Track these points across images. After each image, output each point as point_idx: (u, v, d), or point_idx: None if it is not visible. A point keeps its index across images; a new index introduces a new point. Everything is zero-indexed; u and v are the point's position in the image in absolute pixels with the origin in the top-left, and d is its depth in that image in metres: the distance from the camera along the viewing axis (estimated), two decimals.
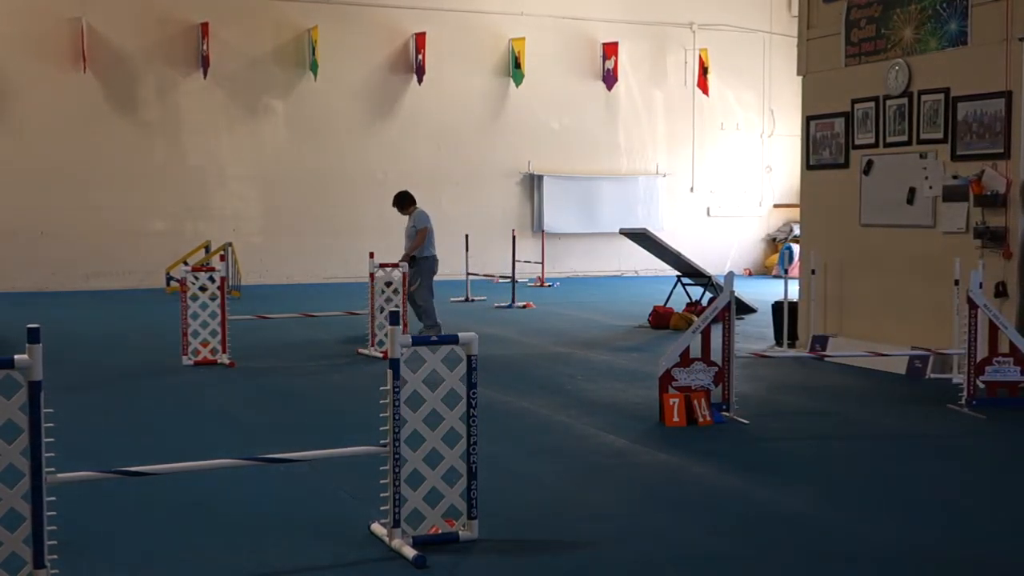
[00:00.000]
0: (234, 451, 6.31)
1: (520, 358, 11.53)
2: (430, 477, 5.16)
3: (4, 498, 4.40)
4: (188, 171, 20.70)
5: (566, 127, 23.31)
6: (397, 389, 5.00)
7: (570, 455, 7.10)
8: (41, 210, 19.56)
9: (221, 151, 20.93)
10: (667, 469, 6.72)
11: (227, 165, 20.99)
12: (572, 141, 23.33)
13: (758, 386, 9.63)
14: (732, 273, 8.47)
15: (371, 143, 21.82)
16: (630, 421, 8.11)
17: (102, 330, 13.93)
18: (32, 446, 4.37)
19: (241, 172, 21.06)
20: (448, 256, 21.69)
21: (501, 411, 8.44)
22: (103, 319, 15.28)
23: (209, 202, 20.77)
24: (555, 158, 23.16)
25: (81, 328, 14.00)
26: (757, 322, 14.14)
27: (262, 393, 9.50)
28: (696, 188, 24.54)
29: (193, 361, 10.89)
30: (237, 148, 21.03)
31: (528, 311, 16.35)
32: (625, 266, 23.55)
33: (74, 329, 13.76)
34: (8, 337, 12.63)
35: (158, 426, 8.09)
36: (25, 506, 4.40)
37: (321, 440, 7.13)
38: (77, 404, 8.58)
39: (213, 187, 20.87)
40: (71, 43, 19.65)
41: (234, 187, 20.94)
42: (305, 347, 12.35)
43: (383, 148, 21.87)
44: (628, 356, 11.68)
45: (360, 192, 21.71)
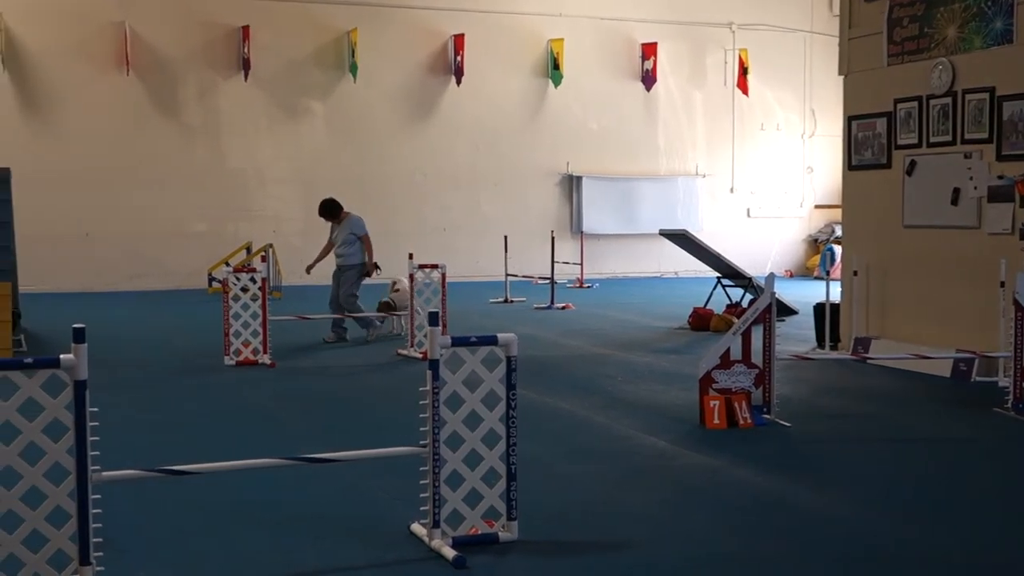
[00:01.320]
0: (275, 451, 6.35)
1: (559, 359, 11.51)
2: (469, 478, 5.16)
3: (51, 496, 4.45)
4: (229, 173, 20.88)
5: (605, 128, 23.27)
6: (436, 390, 5.01)
7: (609, 456, 7.09)
8: (86, 212, 19.80)
9: (261, 153, 21.09)
10: (707, 471, 6.69)
11: (267, 167, 21.14)
12: (611, 142, 23.28)
13: (799, 388, 9.56)
14: (773, 274, 8.42)
15: (409, 144, 21.89)
16: (670, 423, 8.08)
17: (146, 330, 14.07)
18: (78, 445, 4.42)
19: (281, 174, 21.19)
20: (487, 257, 21.95)
21: (540, 412, 8.44)
22: (147, 319, 15.44)
23: (250, 203, 20.93)
24: (594, 159, 23.13)
25: (125, 328, 14.14)
26: (798, 324, 14.04)
27: (303, 393, 9.55)
28: (736, 189, 24.41)
29: (235, 361, 10.97)
30: (277, 150, 21.18)
31: (567, 312, 16.33)
32: (664, 267, 23.46)
33: (118, 329, 13.91)
34: (54, 337, 12.79)
35: (200, 425, 8.16)
36: (71, 504, 4.45)
37: (361, 440, 7.16)
38: (121, 403, 8.67)
39: (254, 188, 21.03)
40: (114, 47, 19.87)
41: (274, 188, 21.09)
42: (345, 347, 12.41)
43: (421, 149, 21.94)
44: (668, 358, 11.63)
45: (398, 193, 21.79)
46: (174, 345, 12.68)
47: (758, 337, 8.09)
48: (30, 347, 12.02)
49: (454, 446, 5.12)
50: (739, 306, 14.69)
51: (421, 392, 5.10)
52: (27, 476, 4.41)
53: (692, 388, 8.53)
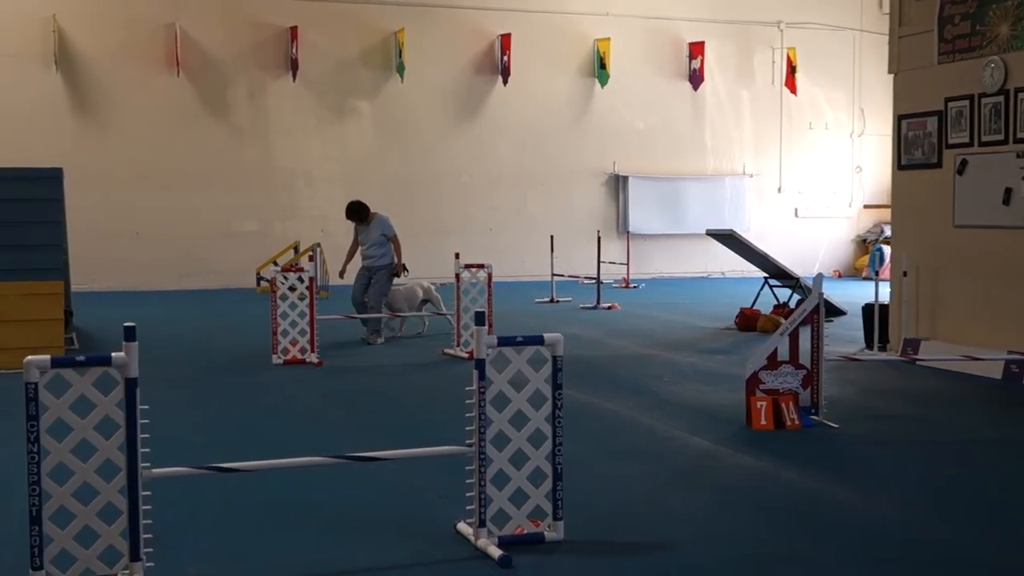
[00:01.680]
0: (322, 449, 6.39)
1: (605, 359, 11.50)
2: (515, 477, 5.17)
3: (102, 492, 4.51)
4: (277, 172, 21.05)
5: (651, 127, 23.19)
6: (483, 389, 5.02)
7: (655, 457, 7.07)
8: (136, 211, 20.05)
9: (309, 153, 21.24)
10: (753, 472, 6.65)
11: (315, 166, 21.28)
12: (658, 141, 23.20)
13: (848, 390, 9.48)
14: (821, 275, 8.36)
15: (456, 144, 21.95)
16: (716, 423, 8.04)
17: (194, 329, 14.22)
18: (128, 442, 4.48)
19: (329, 173, 21.33)
20: (533, 257, 21.95)
21: (586, 412, 8.43)
22: (195, 318, 15.60)
23: (297, 203, 21.09)
24: (640, 159, 23.06)
25: (174, 327, 14.31)
26: (847, 325, 13.92)
27: (350, 392, 9.61)
28: (784, 188, 24.24)
29: (282, 360, 11.06)
30: (325, 150, 21.32)
31: (613, 312, 16.29)
32: (711, 267, 23.35)
33: (168, 328, 14.07)
34: (105, 335, 12.96)
35: (248, 423, 8.24)
36: (122, 500, 4.51)
37: (407, 439, 7.19)
38: (171, 401, 8.77)
39: (301, 188, 21.18)
40: (165, 48, 20.10)
41: (322, 188, 21.23)
42: (391, 347, 12.47)
43: (468, 149, 22.00)
44: (714, 358, 11.58)
45: (445, 193, 21.86)
46: (222, 344, 12.81)
47: (806, 338, 8.03)
48: (82, 345, 12.19)
49: (500, 446, 5.13)
50: (786, 306, 14.59)
51: (467, 392, 5.11)
52: (79, 472, 4.47)
53: (738, 389, 8.48)
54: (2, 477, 6.37)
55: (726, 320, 14.63)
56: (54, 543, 4.44)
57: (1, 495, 6.00)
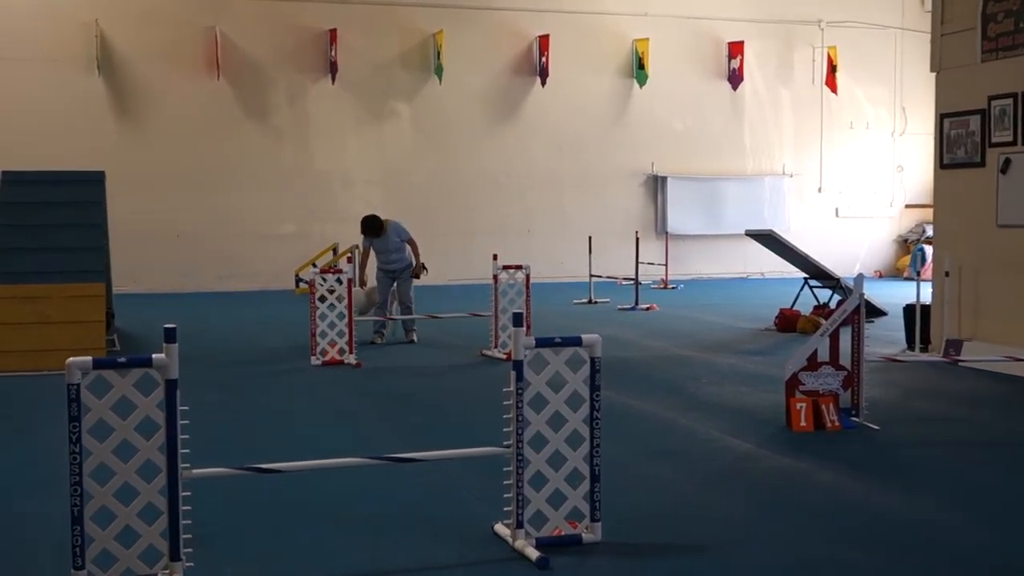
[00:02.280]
0: (360, 450, 6.42)
1: (643, 361, 11.47)
2: (553, 479, 5.17)
3: (142, 492, 4.56)
4: (316, 174, 21.16)
5: (690, 128, 23.10)
6: (520, 391, 5.02)
7: (693, 458, 7.04)
8: (176, 213, 20.23)
9: (348, 155, 21.34)
10: (792, 474, 6.61)
11: (353, 168, 21.38)
12: (696, 142, 23.11)
13: (889, 391, 9.40)
14: (862, 275, 8.29)
15: (493, 146, 21.97)
16: (755, 425, 8.00)
17: (233, 330, 14.33)
18: (168, 442, 4.52)
19: (367, 175, 21.42)
20: (570, 258, 21.93)
21: (624, 414, 8.42)
22: (234, 320, 15.72)
23: (336, 205, 21.18)
24: (679, 159, 22.98)
25: (214, 328, 14.43)
26: (888, 325, 13.80)
27: (387, 393, 9.65)
28: (824, 188, 24.07)
29: (321, 361, 11.12)
30: (363, 152, 21.41)
31: (651, 313, 16.25)
32: (750, 268, 23.22)
33: (207, 329, 14.20)
34: (146, 336, 13.09)
35: (287, 424, 8.29)
36: (162, 500, 4.55)
37: (445, 440, 7.21)
38: (210, 402, 8.84)
39: (339, 190, 21.28)
40: (205, 51, 20.27)
41: (360, 190, 21.31)
42: (429, 348, 12.51)
43: (505, 151, 22.01)
44: (753, 359, 11.52)
45: (482, 195, 21.89)
46: (261, 345, 12.90)
47: (846, 339, 7.98)
48: (123, 346, 12.32)
49: (538, 447, 5.13)
50: (827, 307, 14.49)
51: (505, 393, 5.12)
52: (120, 473, 4.52)
53: (778, 390, 8.43)
54: (44, 476, 6.45)
55: (765, 321, 14.55)
56: (95, 543, 4.49)
57: (43, 494, 6.07)
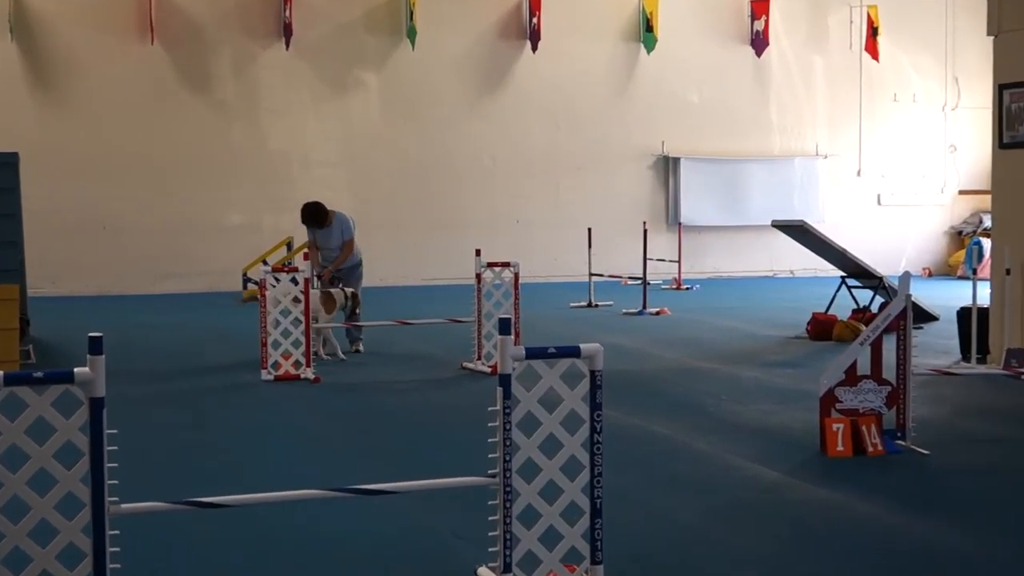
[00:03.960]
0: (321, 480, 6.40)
1: (653, 374, 11.49)
2: (547, 513, 5.16)
3: (63, 531, 4.53)
4: (268, 156, 21.14)
5: (707, 100, 23.14)
6: (508, 410, 5.01)
7: (711, 489, 7.05)
8: (104, 202, 20.18)
9: (306, 133, 21.33)
10: (827, 507, 6.62)
11: (312, 149, 21.37)
12: (714, 117, 23.15)
13: (941, 409, 9.43)
14: (908, 273, 8.31)
15: (477, 122, 21.98)
16: (784, 450, 8.02)
17: (172, 339, 14.28)
18: (94, 472, 4.48)
19: (328, 157, 21.42)
20: (567, 254, 21.94)
21: (630, 437, 8.42)
22: (173, 327, 15.68)
23: (292, 192, 21.08)
24: (694, 137, 23.02)
25: (149, 338, 14.38)
26: (939, 332, 13.84)
27: (352, 413, 9.63)
28: (864, 172, 24.14)
29: (273, 376, 11.10)
30: (324, 130, 21.40)
31: (662, 318, 16.27)
32: (778, 265, 23.28)
33: (141, 338, 14.15)
34: (67, 347, 13.04)
35: (235, 450, 8.26)
36: (85, 541, 4.52)
37: (420, 469, 7.20)
38: (144, 425, 8.81)
39: (296, 174, 21.27)
40: (137, 11, 20.23)
41: (320, 174, 21.30)
42: (402, 360, 12.49)
43: (491, 128, 22.02)
44: (782, 372, 11.55)
45: (464, 179, 21.90)
46: (204, 357, 12.86)
47: (891, 348, 8.00)
48: (40, 359, 12.27)
49: (529, 476, 5.12)
50: (867, 311, 14.54)
51: (490, 413, 5.11)
52: (36, 508, 4.48)
53: (811, 409, 8.45)
54: None
55: (796, 327, 14.58)
56: None
57: None
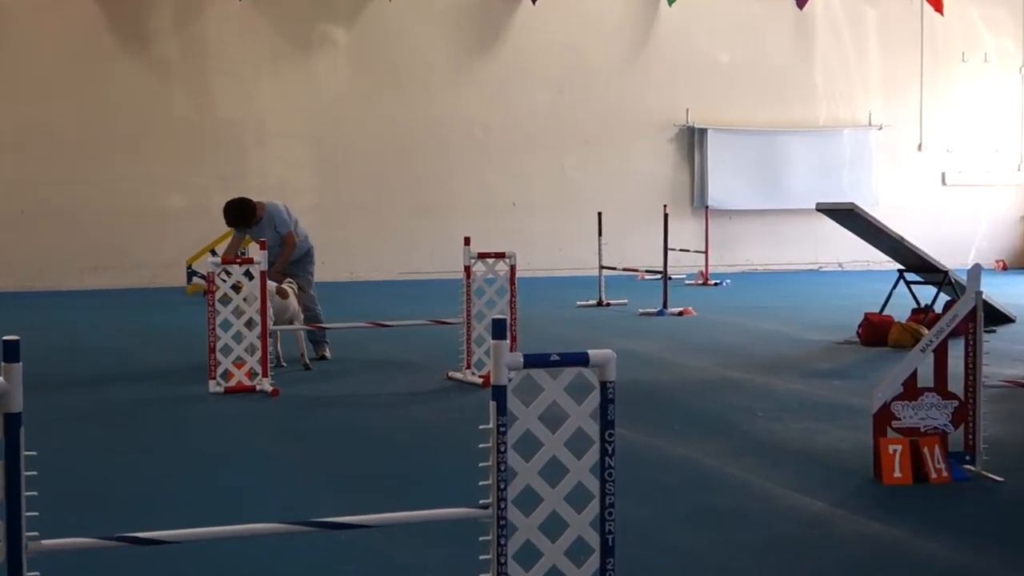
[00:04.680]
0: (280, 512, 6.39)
1: (674, 386, 11.50)
2: (549, 552, 5.15)
3: None
4: (217, 127, 21.14)
5: (740, 61, 23.16)
6: (503, 428, 5.00)
7: (745, 522, 7.05)
8: (22, 183, 20.16)
9: (262, 100, 21.32)
10: (882, 544, 6.62)
11: (269, 119, 21.37)
12: (748, 81, 23.17)
13: (1017, 428, 9.43)
14: (979, 266, 8.30)
15: (467, 87, 21.98)
16: (831, 476, 8.02)
17: (105, 344, 14.28)
18: (9, 502, 4.47)
19: (289, 128, 21.41)
20: (573, 243, 21.95)
21: (648, 460, 8.42)
22: (105, 329, 15.66)
23: (246, 169, 21.16)
24: (724, 105, 23.03)
25: (76, 341, 14.37)
26: (1016, 336, 13.86)
27: (318, 432, 9.63)
28: (926, 146, 24.17)
29: (223, 387, 11.09)
30: (283, 95, 21.39)
31: (686, 320, 16.29)
32: (824, 256, 23.29)
33: (67, 343, 14.13)
34: None
35: (178, 476, 8.25)
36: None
37: (398, 499, 7.20)
38: (70, 445, 8.80)
39: (250, 149, 21.27)
40: None
41: (279, 149, 21.30)
42: (376, 368, 12.49)
43: (484, 94, 22.03)
44: (828, 384, 11.55)
45: (451, 154, 21.91)
46: (142, 364, 12.86)
47: (958, 355, 7.99)
48: None
49: (527, 507, 5.10)
50: (930, 311, 14.54)
51: (481, 432, 5.09)
52: None
53: (863, 428, 8.45)
54: None
55: (845, 330, 14.58)
56: None
57: None
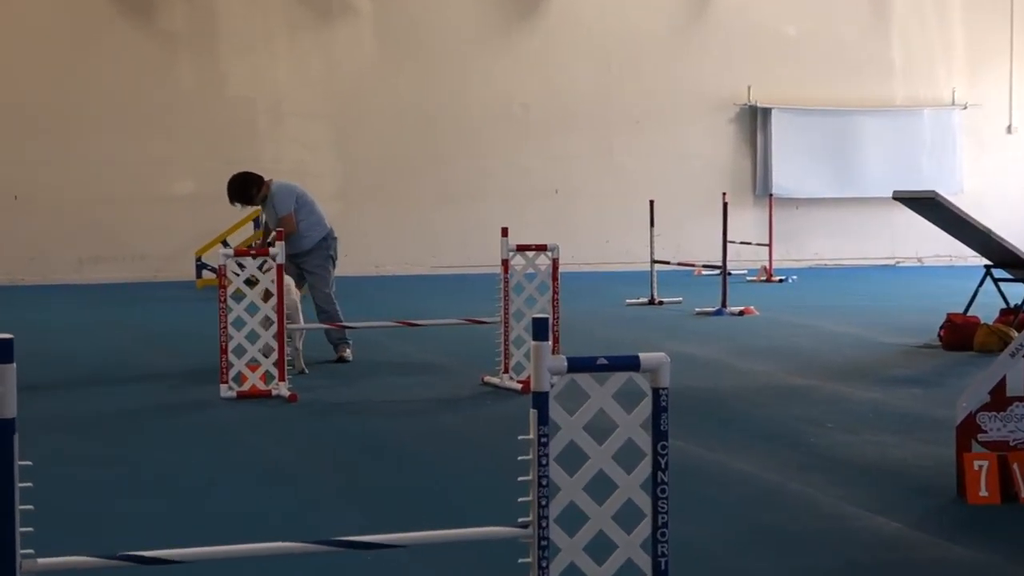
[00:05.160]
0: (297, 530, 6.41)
1: (734, 393, 11.48)
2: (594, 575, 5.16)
3: None
4: (229, 105, 21.18)
5: (808, 33, 23.08)
6: (544, 439, 5.01)
7: (811, 545, 7.04)
8: (14, 165, 20.25)
9: (277, 75, 21.36)
10: (968, 571, 6.60)
11: (286, 96, 21.40)
12: (817, 55, 23.09)
13: None
14: None
15: (503, 60, 21.97)
16: (908, 494, 8.00)
17: (105, 344, 14.34)
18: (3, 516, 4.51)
19: (306, 106, 21.44)
20: (623, 234, 21.90)
21: (704, 475, 8.41)
22: (106, 327, 15.74)
23: (258, 151, 21.17)
24: (790, 82, 22.96)
25: (73, 341, 14.44)
26: None
27: (339, 443, 9.65)
28: (1016, 127, 24.03)
29: (236, 392, 11.12)
30: (301, 70, 21.43)
31: (747, 320, 16.27)
32: (901, 251, 23.21)
33: (64, 342, 14.21)
34: None
35: (185, 490, 8.28)
36: None
37: (427, 516, 7.22)
38: (69, 456, 8.84)
39: (265, 129, 21.31)
40: None
41: (295, 128, 21.33)
42: (404, 372, 12.51)
43: (521, 68, 22.00)
44: (905, 392, 11.52)
45: (486, 136, 21.89)
46: (145, 367, 12.92)
47: None
48: None
49: (571, 526, 5.11)
50: (1020, 312, 14.47)
51: (520, 443, 5.11)
52: None
53: (945, 441, 8.42)
54: None
55: (925, 333, 14.53)
56: None
57: None
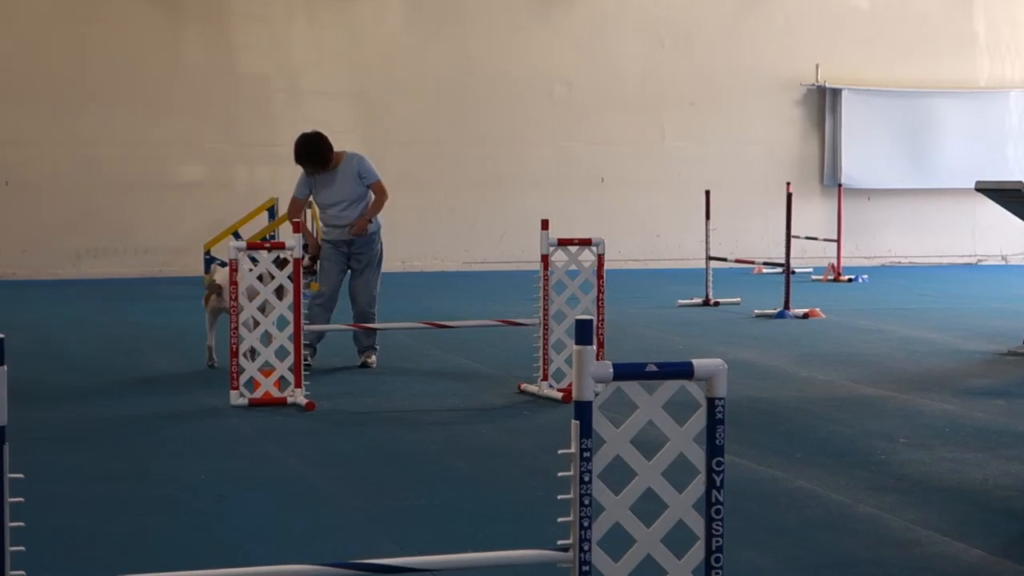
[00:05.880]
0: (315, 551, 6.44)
1: (797, 404, 11.47)
2: None
3: None
4: (241, 83, 21.23)
5: (881, 6, 23.02)
6: (587, 454, 5.03)
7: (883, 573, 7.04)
8: (4, 147, 20.33)
9: (294, 50, 21.39)
10: None
11: (304, 72, 21.44)
12: (892, 31, 23.04)
13: None
14: None
15: (543, 34, 21.97)
16: (991, 518, 7.99)
17: (104, 345, 14.40)
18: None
19: (327, 84, 21.47)
20: (675, 228, 21.87)
21: (764, 495, 8.42)
22: (106, 327, 15.80)
23: (273, 133, 21.21)
24: (863, 61, 22.91)
25: (70, 341, 14.51)
26: None
27: (360, 455, 9.68)
28: None
29: (248, 399, 11.16)
30: (320, 45, 21.46)
31: (812, 324, 16.24)
32: (983, 248, 23.14)
33: (59, 343, 14.28)
34: None
35: (193, 507, 8.32)
36: None
37: (458, 537, 7.23)
38: (64, 468, 8.88)
39: (280, 109, 21.34)
40: None
41: (315, 108, 21.33)
42: (432, 378, 12.53)
43: (564, 44, 22.00)
44: (988, 404, 11.48)
45: (524, 119, 21.88)
46: (148, 370, 12.98)
47: None
48: None
49: (616, 550, 5.14)
50: None
51: (560, 457, 5.13)
52: None
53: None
54: None
55: (1010, 339, 14.48)
56: None
57: None
